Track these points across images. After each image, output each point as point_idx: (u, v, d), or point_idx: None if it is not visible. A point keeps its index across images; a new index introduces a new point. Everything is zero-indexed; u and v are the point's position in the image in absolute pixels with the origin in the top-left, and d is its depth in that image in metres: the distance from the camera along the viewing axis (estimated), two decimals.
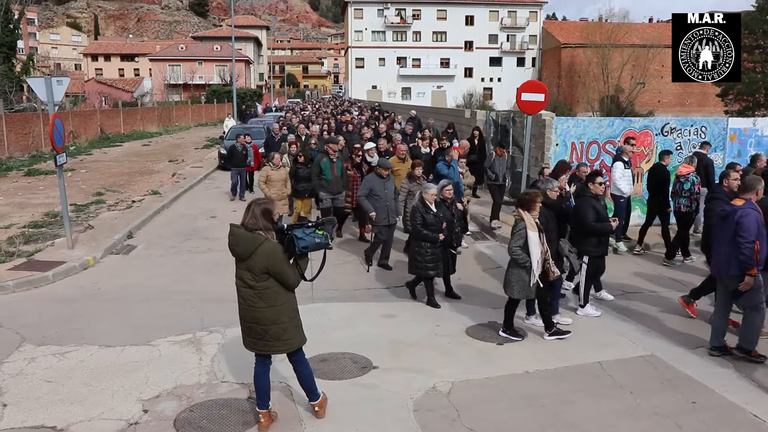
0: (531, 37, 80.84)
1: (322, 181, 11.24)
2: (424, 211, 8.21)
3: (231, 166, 16.39)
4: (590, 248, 7.91)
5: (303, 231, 5.08)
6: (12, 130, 24.22)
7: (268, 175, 11.67)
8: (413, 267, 8.36)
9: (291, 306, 5.27)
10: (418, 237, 8.26)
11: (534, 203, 7.02)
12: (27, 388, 5.94)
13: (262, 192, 11.47)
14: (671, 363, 6.55)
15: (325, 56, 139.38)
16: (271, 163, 11.75)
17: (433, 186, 8.50)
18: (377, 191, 9.79)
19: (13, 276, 9.17)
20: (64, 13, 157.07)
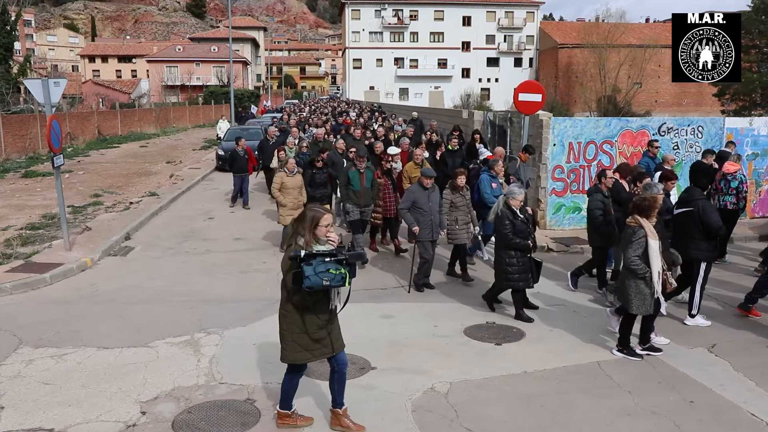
0: (528, 38, 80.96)
1: (349, 192, 10.38)
2: (512, 218, 7.64)
3: (233, 172, 15.40)
4: (706, 253, 7.62)
5: (317, 266, 4.55)
6: (9, 131, 24.20)
7: (282, 182, 10.71)
8: (503, 279, 7.79)
9: (291, 319, 5.00)
10: (508, 246, 7.65)
11: (653, 209, 6.52)
12: (24, 390, 5.93)
13: (276, 200, 10.79)
14: (669, 362, 6.56)
15: (322, 57, 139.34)
16: (286, 169, 10.82)
17: (519, 191, 7.87)
18: (421, 204, 8.82)
19: (11, 278, 9.16)
20: (61, 14, 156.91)
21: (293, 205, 10.55)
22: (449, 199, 9.28)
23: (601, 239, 8.78)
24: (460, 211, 9.26)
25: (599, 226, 8.64)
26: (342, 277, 4.63)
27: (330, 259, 4.60)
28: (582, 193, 12.33)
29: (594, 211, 8.63)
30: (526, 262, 7.69)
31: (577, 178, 12.32)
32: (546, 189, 12.36)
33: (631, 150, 12.49)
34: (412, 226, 8.83)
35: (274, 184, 10.88)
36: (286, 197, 10.65)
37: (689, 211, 7.61)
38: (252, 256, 10.93)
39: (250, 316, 7.92)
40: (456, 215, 9.22)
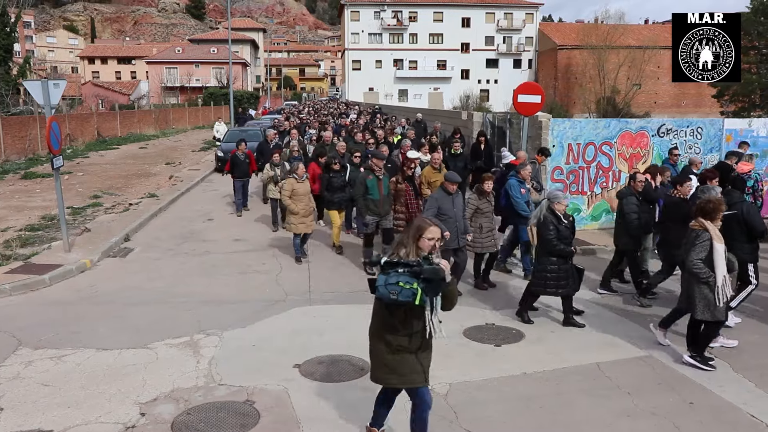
0: (527, 39, 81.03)
1: (368, 202, 9.75)
2: (557, 223, 7.43)
3: (234, 177, 14.74)
4: (751, 255, 7.56)
5: (390, 277, 4.11)
6: (9, 133, 24.20)
7: (293, 189, 10.28)
8: (542, 286, 7.58)
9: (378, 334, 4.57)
10: (551, 252, 7.44)
11: (718, 211, 6.35)
12: (24, 391, 5.92)
13: (288, 208, 10.32)
14: (669, 364, 6.57)
15: (321, 59, 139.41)
16: (296, 175, 10.40)
17: (563, 195, 7.65)
18: (446, 210, 8.41)
19: (10, 279, 9.15)
20: (60, 16, 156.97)
21: (305, 212, 10.25)
22: (475, 205, 8.93)
23: (632, 242, 8.68)
24: (485, 218, 8.97)
25: (634, 229, 8.54)
26: (413, 293, 4.07)
27: (404, 270, 4.12)
28: (581, 194, 12.34)
29: (630, 214, 8.51)
30: (567, 269, 7.53)
31: (577, 179, 12.32)
32: (545, 190, 12.35)
33: (631, 151, 12.49)
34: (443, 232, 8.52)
35: (284, 191, 10.39)
36: (297, 204, 10.21)
37: (732, 213, 7.47)
38: (251, 257, 10.93)
39: (250, 317, 7.91)
40: (480, 222, 8.92)
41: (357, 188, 9.85)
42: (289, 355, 6.70)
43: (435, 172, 10.82)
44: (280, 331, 7.48)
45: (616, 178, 12.44)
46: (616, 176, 12.44)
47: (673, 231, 7.80)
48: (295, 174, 10.42)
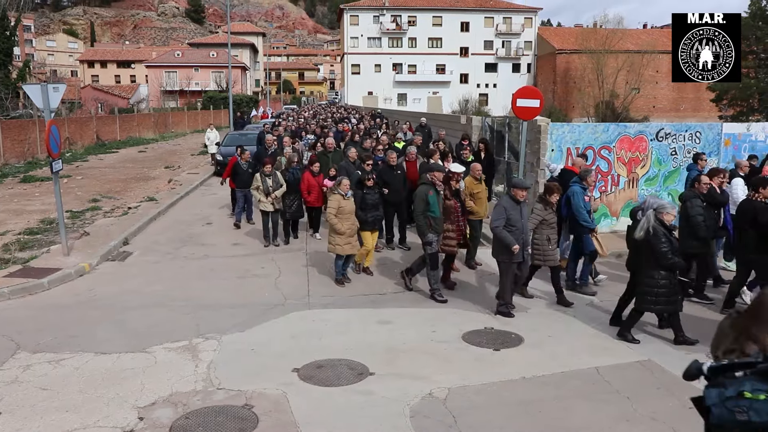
0: (526, 43, 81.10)
1: (429, 220, 8.76)
2: (669, 234, 7.02)
3: (236, 187, 13.63)
4: None
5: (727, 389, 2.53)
6: (8, 136, 24.20)
7: (339, 206, 9.26)
8: (653, 303, 7.12)
9: None
10: (663, 266, 6.99)
11: None
12: (22, 395, 5.91)
13: (333, 227, 9.29)
14: (668, 368, 6.55)
15: (321, 63, 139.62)
16: (339, 190, 9.36)
17: (670, 205, 7.25)
18: (514, 220, 7.93)
19: (9, 283, 9.14)
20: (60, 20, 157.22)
21: (351, 232, 9.35)
22: (541, 216, 8.49)
23: (700, 245, 8.49)
24: (551, 229, 8.58)
25: (702, 231, 8.33)
26: None
27: (747, 372, 2.54)
28: None
29: (696, 217, 8.31)
30: (676, 284, 7.15)
31: None
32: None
33: (629, 155, 12.51)
34: (512, 244, 7.85)
35: (329, 208, 9.36)
36: (344, 223, 9.23)
37: None
38: (250, 261, 10.93)
39: (248, 321, 7.91)
40: (547, 233, 8.52)
41: (417, 204, 8.80)
42: (288, 359, 6.70)
43: (477, 183, 10.20)
44: (278, 335, 7.48)
45: (615, 182, 12.46)
46: (615, 180, 12.46)
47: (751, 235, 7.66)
48: (339, 189, 9.38)
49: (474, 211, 10.07)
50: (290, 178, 12.02)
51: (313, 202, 12.22)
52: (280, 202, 11.83)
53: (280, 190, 11.79)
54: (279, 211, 11.93)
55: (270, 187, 11.70)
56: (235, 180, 13.52)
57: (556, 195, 8.61)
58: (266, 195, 11.71)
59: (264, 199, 11.75)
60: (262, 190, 11.76)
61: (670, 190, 12.76)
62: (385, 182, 11.15)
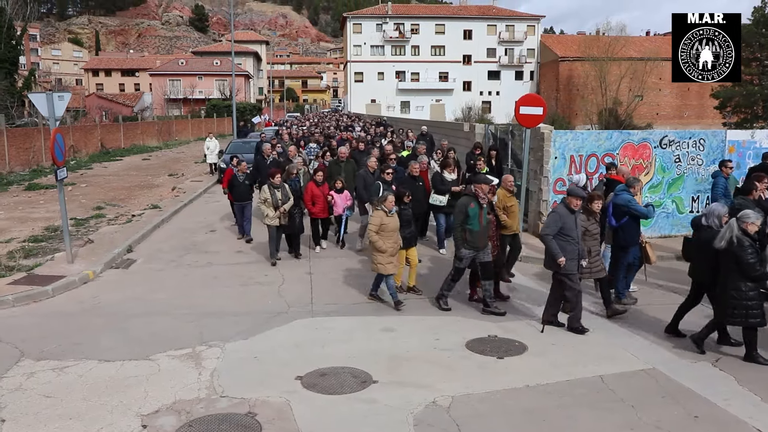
0: (529, 51, 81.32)
1: (465, 234, 8.37)
2: (755, 245, 6.69)
3: (234, 200, 13.15)
4: None
5: None
6: (13, 144, 24.32)
7: (382, 224, 8.68)
8: (738, 317, 6.75)
9: None
10: (751, 277, 6.63)
11: None
12: (26, 403, 5.91)
13: (374, 246, 8.70)
14: (673, 376, 6.53)
15: (324, 70, 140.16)
16: (384, 207, 8.71)
17: (754, 214, 6.90)
18: (568, 229, 7.58)
19: (13, 290, 9.16)
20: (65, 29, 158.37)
21: (393, 251, 8.74)
22: (584, 227, 8.05)
23: None
24: (593, 240, 8.23)
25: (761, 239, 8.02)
26: None
27: None
28: None
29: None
30: (760, 295, 6.80)
31: None
32: (548, 202, 12.36)
33: (633, 163, 12.50)
34: (558, 256, 7.54)
35: (371, 225, 8.77)
36: (386, 241, 8.64)
37: None
38: (253, 269, 10.93)
39: (252, 329, 7.90)
40: (590, 245, 8.13)
41: (456, 215, 8.52)
42: (291, 367, 6.69)
43: (510, 196, 9.73)
44: (282, 343, 7.47)
45: None
46: None
47: None
48: (383, 206, 8.75)
49: (507, 225, 9.59)
50: (294, 186, 11.61)
51: (318, 213, 11.72)
52: (287, 216, 11.13)
53: (288, 204, 11.05)
54: (286, 225, 11.21)
55: (279, 200, 10.95)
56: (233, 192, 12.93)
57: (598, 203, 8.24)
58: (275, 208, 10.92)
59: (272, 213, 10.92)
60: (270, 204, 10.91)
61: (674, 197, 12.74)
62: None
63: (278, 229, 11.14)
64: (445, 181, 11.49)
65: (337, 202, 11.77)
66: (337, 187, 11.75)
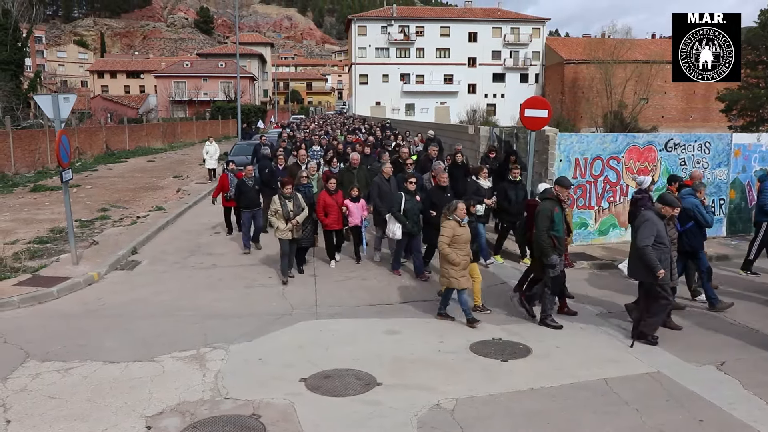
0: (534, 53, 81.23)
1: (553, 240, 8.01)
2: None
3: (241, 207, 12.47)
4: None
5: None
6: (19, 146, 24.41)
7: (455, 235, 8.12)
8: None
9: None
10: None
11: None
12: (31, 404, 5.93)
13: (447, 259, 8.09)
14: (677, 380, 6.51)
15: (329, 73, 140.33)
16: (454, 216, 8.14)
17: None
18: (662, 237, 7.32)
19: (18, 291, 9.19)
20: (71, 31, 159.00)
21: (466, 264, 8.21)
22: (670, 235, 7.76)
23: None
24: (673, 246, 7.97)
25: None
26: None
27: None
28: (588, 209, 12.30)
29: None
30: None
31: (584, 193, 12.30)
32: None
33: (638, 166, 12.47)
34: (657, 268, 7.21)
35: (443, 237, 8.13)
36: (459, 254, 8.10)
37: None
38: (258, 271, 10.94)
39: (256, 330, 7.91)
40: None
41: (541, 222, 8.05)
42: (295, 369, 6.69)
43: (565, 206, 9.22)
44: (286, 345, 7.47)
45: (624, 192, 12.41)
46: (623, 191, 12.41)
47: None
48: (455, 215, 8.18)
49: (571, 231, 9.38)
50: (306, 192, 10.78)
51: (332, 225, 10.77)
52: (301, 229, 10.17)
53: (302, 215, 10.11)
54: (298, 239, 10.24)
55: (291, 212, 10.00)
56: (240, 199, 12.33)
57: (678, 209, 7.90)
58: (286, 221, 9.99)
59: (283, 226, 9.97)
60: (281, 215, 9.99)
61: None
62: (433, 204, 10.08)
63: (291, 243, 10.15)
64: (481, 189, 10.93)
65: (352, 212, 10.90)
66: (353, 195, 10.94)
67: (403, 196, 10.16)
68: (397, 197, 10.22)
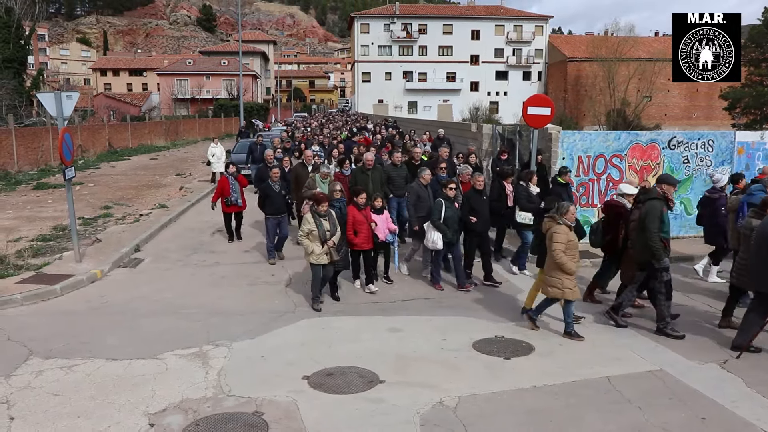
0: (537, 51, 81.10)
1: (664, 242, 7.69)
2: None
3: (266, 214, 11.33)
4: None
5: None
6: (21, 144, 24.45)
7: (569, 240, 7.60)
8: None
9: None
10: None
11: None
12: (34, 401, 5.95)
13: (563, 266, 7.51)
14: (680, 378, 6.50)
15: (331, 71, 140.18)
16: (564, 219, 7.59)
17: None
18: None
19: (22, 289, 9.21)
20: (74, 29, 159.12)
21: (576, 269, 7.70)
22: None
23: None
24: None
25: None
26: None
27: None
28: (591, 207, 12.28)
29: None
30: None
31: (587, 191, 12.29)
32: None
33: (641, 164, 12.45)
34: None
35: (557, 244, 7.51)
36: (572, 260, 7.58)
37: None
38: (261, 268, 10.95)
39: (259, 328, 7.92)
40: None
41: (652, 223, 7.61)
42: (298, 367, 6.70)
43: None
44: (288, 343, 7.48)
45: None
46: None
47: None
48: (565, 219, 7.62)
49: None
50: (338, 216, 9.13)
51: (362, 245, 9.31)
52: (336, 251, 8.81)
53: (337, 235, 8.77)
54: (334, 263, 8.86)
55: (328, 232, 8.65)
56: (266, 205, 11.32)
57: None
58: (322, 243, 8.64)
59: (319, 249, 8.58)
60: (316, 236, 8.59)
61: (682, 198, 12.68)
62: (472, 209, 9.74)
63: (325, 269, 8.74)
64: (531, 196, 10.41)
65: (379, 227, 9.54)
66: (377, 206, 9.67)
67: (443, 203, 9.48)
68: (437, 204, 9.53)
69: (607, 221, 8.80)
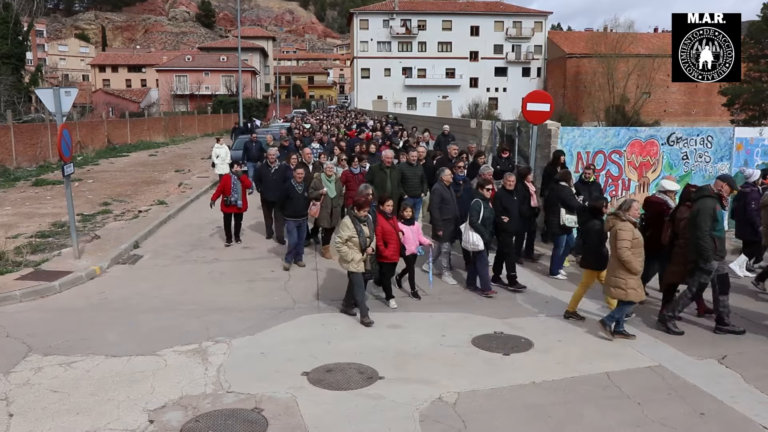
0: (536, 47, 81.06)
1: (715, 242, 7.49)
2: None
3: (286, 216, 10.89)
4: None
5: None
6: (20, 140, 24.42)
7: (635, 237, 7.32)
8: None
9: None
10: None
11: None
12: (33, 398, 5.95)
13: (628, 267, 7.25)
14: (679, 373, 6.51)
15: (330, 67, 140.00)
16: (628, 216, 7.38)
17: None
18: None
19: (20, 286, 9.20)
20: (72, 24, 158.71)
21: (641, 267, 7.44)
22: None
23: None
24: None
25: None
26: None
27: None
28: None
29: None
30: None
31: None
32: None
33: (640, 160, 12.44)
34: None
35: (623, 242, 7.23)
36: (638, 258, 7.34)
37: None
38: (260, 264, 10.95)
39: (258, 324, 7.92)
40: None
41: (703, 222, 7.37)
42: (298, 363, 6.70)
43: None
44: (288, 339, 7.48)
45: (626, 186, 12.39)
46: (625, 185, 12.39)
47: None
48: (629, 215, 7.37)
49: None
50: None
51: (392, 257, 8.64)
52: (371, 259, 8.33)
53: (373, 242, 8.30)
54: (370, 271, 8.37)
55: (368, 238, 8.15)
56: (286, 207, 10.78)
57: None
58: (362, 250, 8.10)
59: (359, 257, 8.04)
60: (356, 243, 8.02)
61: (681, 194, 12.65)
62: (505, 209, 9.50)
63: (361, 278, 8.15)
64: (575, 198, 10.09)
65: (408, 237, 8.92)
66: (406, 216, 9.03)
67: (482, 204, 9.10)
68: (475, 205, 9.09)
69: (648, 217, 8.79)
